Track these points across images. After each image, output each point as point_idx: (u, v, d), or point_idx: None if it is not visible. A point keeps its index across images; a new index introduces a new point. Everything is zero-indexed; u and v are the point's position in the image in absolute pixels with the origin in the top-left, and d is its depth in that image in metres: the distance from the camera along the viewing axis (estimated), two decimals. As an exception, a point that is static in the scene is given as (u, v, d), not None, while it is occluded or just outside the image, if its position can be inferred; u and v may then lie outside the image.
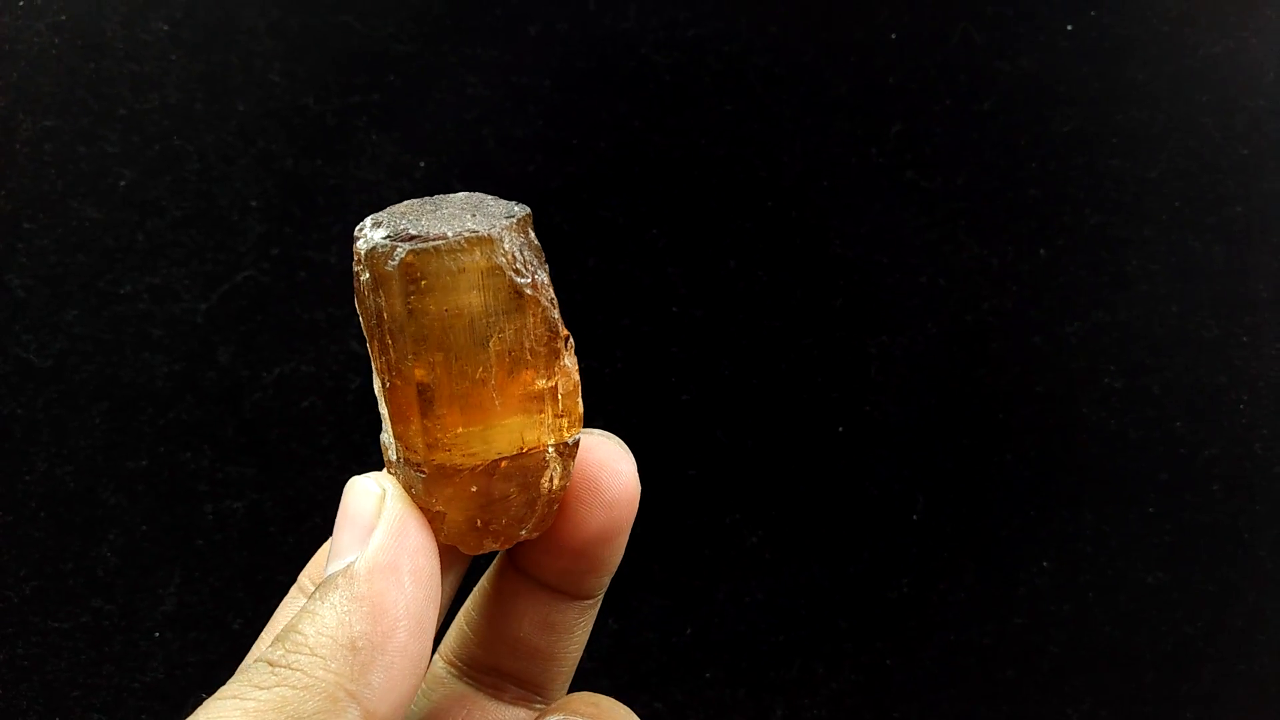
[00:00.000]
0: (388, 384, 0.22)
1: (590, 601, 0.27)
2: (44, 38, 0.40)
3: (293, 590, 0.26)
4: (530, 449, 0.23)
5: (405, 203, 0.24)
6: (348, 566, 0.21)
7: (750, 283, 0.43)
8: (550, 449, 0.24)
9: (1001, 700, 0.42)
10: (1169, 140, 0.43)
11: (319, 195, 0.41)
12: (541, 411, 0.23)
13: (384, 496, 0.22)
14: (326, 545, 0.26)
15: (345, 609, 0.20)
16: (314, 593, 0.21)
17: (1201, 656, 0.42)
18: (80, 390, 0.40)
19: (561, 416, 0.24)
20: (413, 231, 0.22)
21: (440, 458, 0.22)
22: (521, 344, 0.23)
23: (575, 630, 0.27)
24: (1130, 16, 0.43)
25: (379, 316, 0.22)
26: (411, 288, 0.22)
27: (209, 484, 0.41)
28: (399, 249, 0.22)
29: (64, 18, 0.40)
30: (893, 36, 0.43)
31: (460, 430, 0.23)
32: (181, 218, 0.41)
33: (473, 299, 0.22)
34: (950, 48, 0.43)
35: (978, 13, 0.43)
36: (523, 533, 0.24)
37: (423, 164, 0.42)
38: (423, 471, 0.23)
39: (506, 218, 0.23)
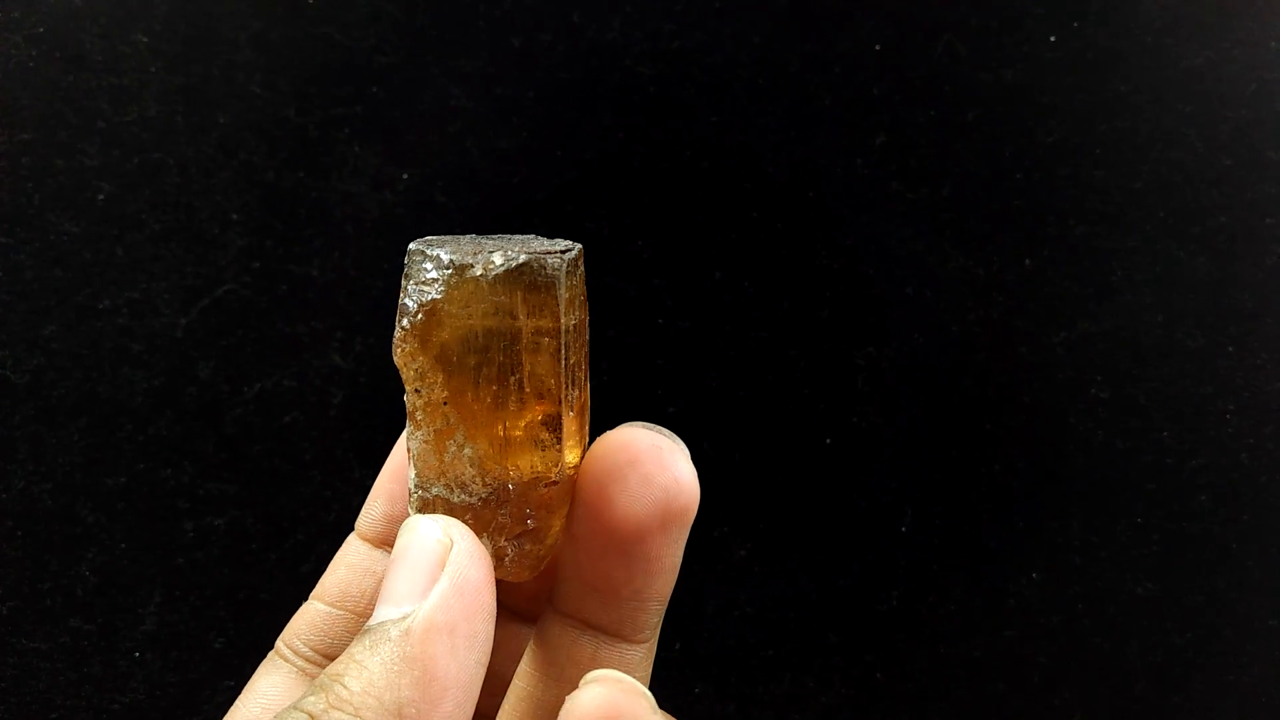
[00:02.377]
0: (514, 401, 0.22)
1: (642, 647, 0.26)
2: (21, 50, 0.40)
3: (271, 655, 0.25)
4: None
5: (425, 242, 0.23)
6: (404, 618, 0.20)
7: (736, 294, 0.42)
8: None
9: (992, 713, 0.42)
10: (1153, 151, 0.43)
11: (301, 208, 0.41)
12: (584, 413, 0.25)
13: (450, 548, 0.21)
14: (305, 607, 0.26)
15: (395, 669, 0.19)
16: (362, 638, 0.20)
17: (1191, 667, 0.42)
18: (58, 406, 0.40)
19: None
20: (543, 248, 0.22)
21: (573, 463, 0.23)
22: (583, 350, 0.24)
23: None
24: (1114, 28, 0.43)
25: (513, 338, 0.22)
26: (577, 293, 0.23)
27: (189, 501, 0.40)
28: (569, 251, 0.22)
29: (41, 30, 0.40)
30: (877, 48, 0.43)
31: (579, 437, 0.23)
32: (161, 231, 0.40)
33: (583, 304, 0.24)
34: (934, 59, 0.43)
35: (962, 24, 0.43)
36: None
37: (405, 176, 0.41)
38: (554, 483, 0.23)
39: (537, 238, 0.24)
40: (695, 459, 0.42)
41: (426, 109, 0.42)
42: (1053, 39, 0.43)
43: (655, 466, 0.23)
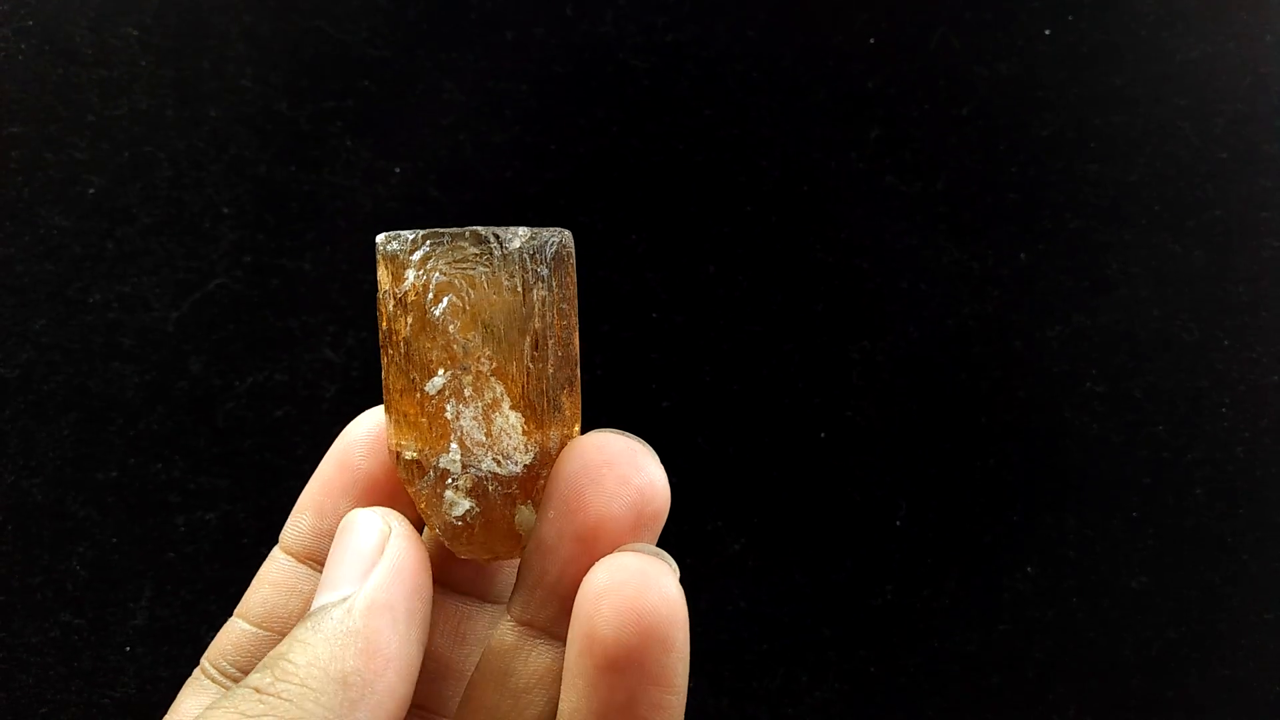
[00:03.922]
0: (552, 364, 0.23)
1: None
2: (10, 43, 0.40)
3: (196, 674, 0.25)
4: None
5: (409, 233, 0.24)
6: (345, 600, 0.21)
7: (730, 288, 0.42)
8: None
9: (986, 707, 0.42)
10: (1148, 144, 0.43)
11: (292, 201, 0.41)
12: None
13: (388, 534, 0.22)
14: (230, 626, 0.25)
15: (339, 643, 0.20)
16: (304, 621, 0.21)
17: (1186, 661, 0.42)
18: (49, 401, 0.40)
19: None
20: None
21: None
22: None
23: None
24: (1108, 21, 0.43)
25: (546, 306, 0.24)
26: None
27: (181, 495, 0.40)
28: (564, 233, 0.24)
29: (31, 23, 0.40)
30: (871, 41, 0.43)
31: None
32: (152, 225, 0.40)
33: None
34: (929, 53, 0.43)
35: (956, 18, 0.43)
36: None
37: (398, 170, 0.41)
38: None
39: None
40: (689, 453, 0.42)
41: (419, 102, 0.41)
42: (1048, 32, 0.43)
43: (630, 468, 0.23)
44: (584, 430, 0.25)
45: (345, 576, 0.21)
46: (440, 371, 0.23)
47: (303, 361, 0.41)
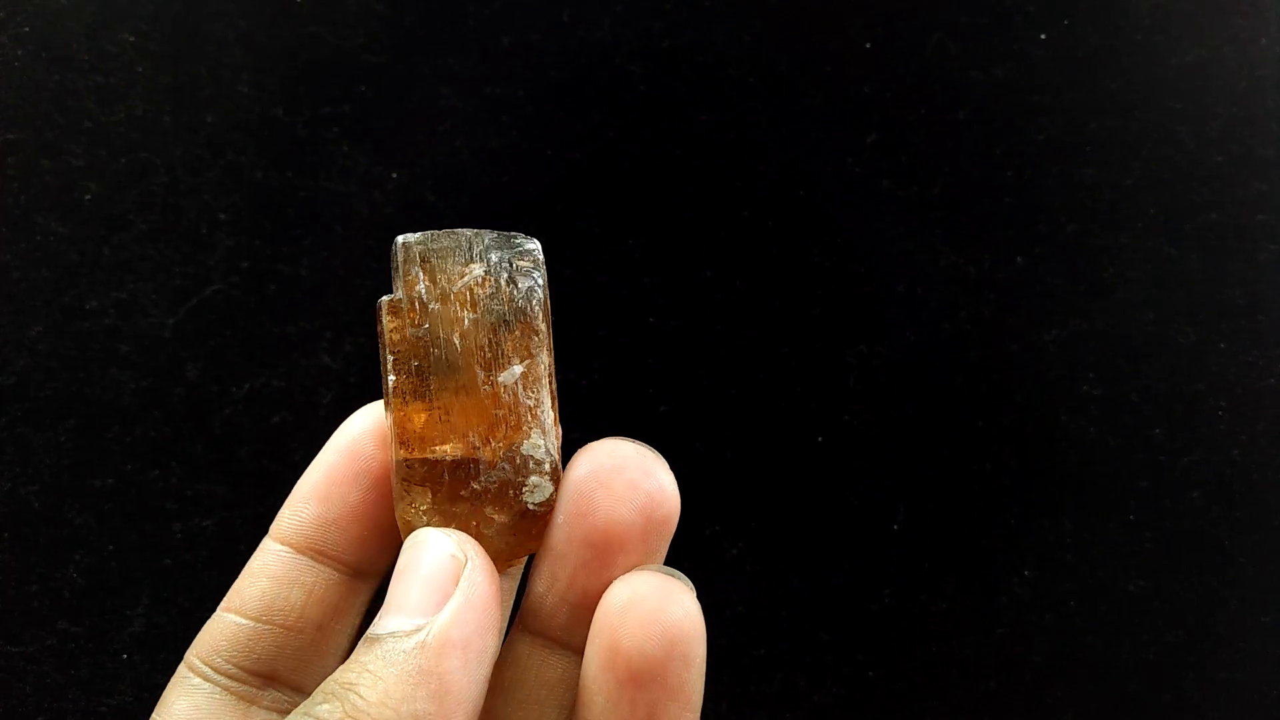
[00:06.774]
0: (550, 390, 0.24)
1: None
2: (7, 50, 0.40)
3: (183, 673, 0.24)
4: None
5: (421, 235, 0.24)
6: (417, 630, 0.20)
7: (727, 293, 0.42)
8: None
9: (984, 711, 0.42)
10: (1144, 148, 0.43)
11: (289, 207, 0.41)
12: None
13: (464, 565, 0.21)
14: (219, 620, 0.25)
15: (411, 681, 0.20)
16: (370, 646, 0.20)
17: (1184, 665, 0.42)
18: (45, 408, 0.40)
19: None
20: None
21: None
22: None
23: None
24: (1104, 26, 0.43)
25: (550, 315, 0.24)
26: None
27: (178, 502, 0.40)
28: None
29: (27, 29, 0.40)
30: (868, 46, 0.43)
31: None
32: (148, 231, 0.40)
33: None
34: (925, 57, 0.43)
35: (952, 23, 0.43)
36: None
37: (395, 175, 0.41)
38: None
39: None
40: (687, 457, 0.42)
41: (415, 108, 0.41)
42: (1043, 37, 0.43)
43: (640, 474, 0.23)
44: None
45: (416, 603, 0.21)
46: (517, 360, 0.23)
47: (300, 367, 0.41)
